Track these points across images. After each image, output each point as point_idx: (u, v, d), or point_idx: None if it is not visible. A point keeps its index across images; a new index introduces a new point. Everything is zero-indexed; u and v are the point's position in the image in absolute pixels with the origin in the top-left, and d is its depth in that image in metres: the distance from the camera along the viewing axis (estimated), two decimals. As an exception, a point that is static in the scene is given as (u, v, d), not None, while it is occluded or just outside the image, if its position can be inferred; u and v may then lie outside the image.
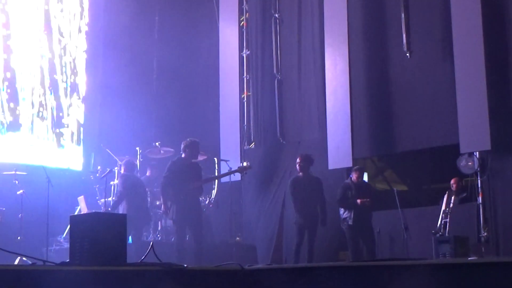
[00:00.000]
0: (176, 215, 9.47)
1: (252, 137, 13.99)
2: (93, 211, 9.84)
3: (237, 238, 12.19)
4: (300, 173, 10.68)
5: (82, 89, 13.83)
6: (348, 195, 10.58)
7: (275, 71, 13.68)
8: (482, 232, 10.68)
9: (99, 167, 12.17)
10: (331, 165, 12.18)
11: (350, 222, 10.44)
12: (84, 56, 14.00)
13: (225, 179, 11.75)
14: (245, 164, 11.01)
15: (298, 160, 10.69)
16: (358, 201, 10.39)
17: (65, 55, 13.56)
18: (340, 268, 4.99)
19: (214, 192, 12.05)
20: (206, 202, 11.60)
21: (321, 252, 11.13)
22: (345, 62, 12.37)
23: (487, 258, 5.93)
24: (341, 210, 10.69)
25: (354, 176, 10.78)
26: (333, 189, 11.41)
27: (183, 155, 9.77)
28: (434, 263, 4.38)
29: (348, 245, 10.76)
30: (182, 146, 9.75)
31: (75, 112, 13.61)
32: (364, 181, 11.59)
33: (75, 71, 13.72)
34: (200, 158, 11.33)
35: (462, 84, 10.95)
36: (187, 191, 9.46)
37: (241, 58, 14.23)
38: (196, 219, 9.57)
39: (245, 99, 14.14)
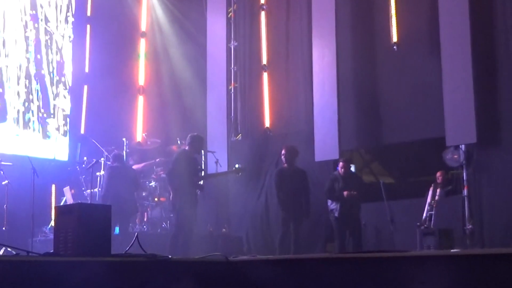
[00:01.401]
0: (179, 207, 9.55)
1: (239, 128, 13.98)
2: (79, 202, 9.82)
3: (223, 230, 12.21)
4: (285, 165, 10.65)
5: (69, 79, 13.75)
6: (335, 187, 10.56)
7: (262, 62, 13.66)
8: (467, 224, 10.72)
9: (85, 158, 12.11)
10: (318, 157, 12.20)
11: (337, 214, 10.45)
12: (71, 46, 13.92)
13: (211, 171, 11.76)
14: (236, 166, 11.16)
15: (283, 151, 10.66)
16: (345, 193, 10.39)
17: (51, 45, 13.48)
18: (325, 259, 5.00)
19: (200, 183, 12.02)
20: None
21: (308, 244, 11.16)
22: (333, 55, 12.38)
23: (470, 250, 5.96)
24: (329, 202, 10.69)
25: (340, 168, 10.76)
26: (320, 181, 11.43)
27: (187, 148, 9.86)
28: (417, 255, 4.40)
29: (335, 237, 10.77)
30: (188, 140, 9.84)
31: (61, 103, 13.55)
32: (353, 172, 11.56)
33: (61, 61, 13.64)
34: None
35: (449, 77, 10.98)
36: (190, 184, 9.56)
37: (228, 49, 14.20)
38: (193, 212, 9.67)
39: (232, 91, 14.12)
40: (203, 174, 10.69)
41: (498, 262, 3.89)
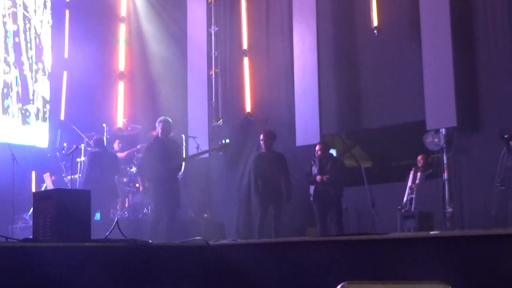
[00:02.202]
0: (154, 193, 9.52)
1: (220, 114, 13.94)
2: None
3: (205, 215, 12.19)
4: (264, 149, 10.57)
5: (48, 65, 13.64)
6: (313, 170, 10.53)
7: (243, 47, 13.62)
8: (448, 207, 10.79)
9: (65, 144, 12.03)
10: (299, 142, 12.21)
11: (311, 198, 10.45)
12: (50, 31, 13.79)
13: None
14: (224, 141, 11.03)
15: (261, 136, 10.57)
16: (317, 177, 10.33)
17: (30, 30, 13.35)
18: (305, 243, 5.01)
19: (181, 169, 12.00)
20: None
21: (289, 228, 11.18)
22: (313, 39, 12.37)
23: (448, 232, 6.01)
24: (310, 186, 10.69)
25: (316, 151, 10.67)
26: (301, 166, 11.44)
27: (158, 134, 9.80)
28: (396, 237, 4.43)
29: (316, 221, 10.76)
30: (158, 125, 9.82)
31: (41, 89, 13.43)
32: (332, 156, 11.50)
33: (40, 47, 13.52)
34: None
35: (429, 62, 11.01)
36: (165, 169, 9.47)
37: (209, 34, 14.14)
38: (173, 197, 9.62)
39: (213, 76, 14.07)
40: (184, 156, 10.60)
41: (476, 244, 3.92)
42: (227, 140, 11.47)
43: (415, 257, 4.12)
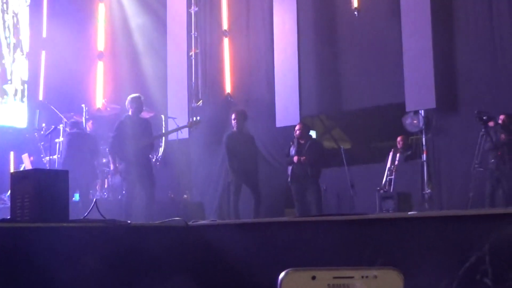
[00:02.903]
0: (125, 173, 9.45)
1: (200, 94, 13.90)
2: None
3: (185, 196, 12.20)
4: (235, 129, 10.53)
5: (26, 45, 13.50)
6: (291, 151, 10.53)
7: (223, 28, 13.56)
8: (426, 189, 10.88)
9: (43, 125, 11.95)
10: (279, 123, 12.22)
11: (289, 179, 10.45)
12: (28, 10, 13.63)
13: (172, 137, 11.70)
14: (194, 119, 10.93)
15: (233, 116, 10.53)
16: (294, 158, 10.33)
17: (7, 10, 13.19)
18: (284, 223, 5.03)
19: (161, 150, 11.98)
20: (153, 160, 11.52)
21: (268, 209, 11.20)
22: (294, 20, 12.35)
23: (425, 212, 6.07)
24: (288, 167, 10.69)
25: (295, 131, 10.66)
26: (282, 147, 11.45)
27: (129, 112, 9.69)
28: (374, 218, 4.46)
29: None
30: (126, 103, 9.70)
31: (19, 69, 13.31)
32: (311, 137, 11.50)
33: (17, 26, 13.37)
34: (147, 115, 11.27)
35: (409, 43, 11.05)
36: (136, 148, 9.40)
37: (189, 14, 14.04)
38: (146, 176, 9.53)
39: (193, 57, 14.00)
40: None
41: (452, 224, 3.96)
42: (198, 118, 11.39)
43: (392, 237, 4.15)
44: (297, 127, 10.63)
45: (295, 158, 10.29)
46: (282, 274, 1.63)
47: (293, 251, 4.69)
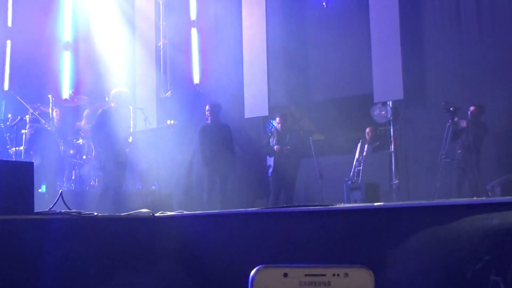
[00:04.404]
0: (106, 164, 9.38)
1: (168, 85, 13.82)
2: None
3: (153, 187, 12.12)
4: (209, 121, 10.55)
5: (-9, 33, 13.30)
6: (271, 142, 10.59)
7: (191, 18, 13.47)
8: (394, 179, 10.96)
9: (9, 115, 11.77)
10: (248, 114, 12.21)
11: (270, 170, 10.50)
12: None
13: (140, 128, 11.63)
14: (168, 122, 10.95)
15: (207, 107, 10.57)
16: (275, 147, 10.40)
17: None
18: (252, 214, 5.01)
19: (129, 140, 11.87)
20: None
21: (237, 200, 11.19)
22: (262, 11, 12.34)
23: (391, 203, 6.11)
24: (267, 158, 10.73)
25: (277, 123, 10.77)
26: (250, 137, 11.44)
27: (112, 105, 9.63)
28: (341, 209, 4.47)
29: (270, 193, 10.80)
30: (112, 96, 9.63)
31: (-16, 58, 13.11)
32: (290, 128, 11.54)
33: (-17, 14, 13.16)
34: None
35: (377, 35, 11.11)
36: (117, 140, 9.36)
37: (157, 4, 13.94)
38: (123, 169, 9.53)
39: (161, 47, 13.91)
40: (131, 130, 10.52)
41: (420, 214, 3.98)
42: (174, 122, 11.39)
43: (359, 227, 4.16)
44: (278, 120, 10.71)
45: (276, 147, 10.37)
46: (253, 271, 1.63)
47: (262, 241, 4.68)
